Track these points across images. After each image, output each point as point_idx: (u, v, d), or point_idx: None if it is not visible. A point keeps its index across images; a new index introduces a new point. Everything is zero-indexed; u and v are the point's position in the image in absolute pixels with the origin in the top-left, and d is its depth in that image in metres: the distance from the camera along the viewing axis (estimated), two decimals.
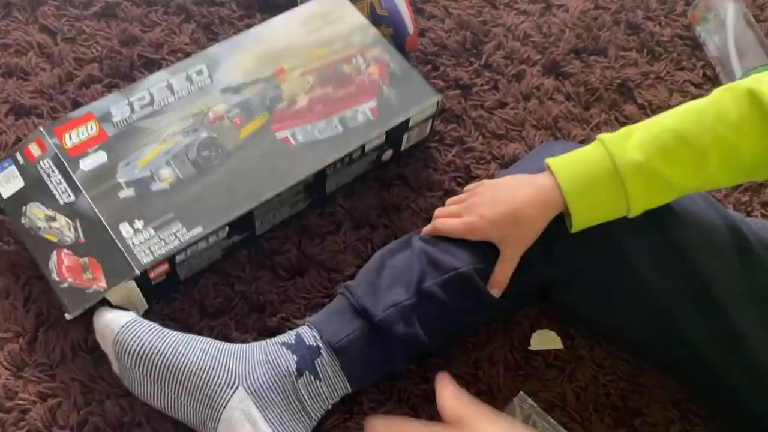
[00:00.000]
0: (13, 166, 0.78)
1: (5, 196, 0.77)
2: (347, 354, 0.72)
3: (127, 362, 0.69)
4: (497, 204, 0.74)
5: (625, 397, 0.79)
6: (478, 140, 0.98)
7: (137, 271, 0.72)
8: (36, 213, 0.76)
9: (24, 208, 0.76)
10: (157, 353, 0.69)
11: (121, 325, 0.70)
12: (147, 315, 0.76)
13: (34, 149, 0.80)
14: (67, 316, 0.69)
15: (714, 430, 0.77)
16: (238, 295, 0.81)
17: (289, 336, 0.73)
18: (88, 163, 0.79)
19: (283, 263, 0.84)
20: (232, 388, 0.69)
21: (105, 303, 0.72)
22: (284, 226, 0.87)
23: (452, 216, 0.77)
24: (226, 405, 0.68)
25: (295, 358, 0.71)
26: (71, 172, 0.78)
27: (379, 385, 0.76)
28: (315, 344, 0.72)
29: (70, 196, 0.76)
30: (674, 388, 0.79)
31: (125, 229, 0.74)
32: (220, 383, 0.69)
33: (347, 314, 0.74)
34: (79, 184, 0.77)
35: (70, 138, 0.80)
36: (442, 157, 0.96)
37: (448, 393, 0.52)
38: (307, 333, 0.73)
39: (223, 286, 0.81)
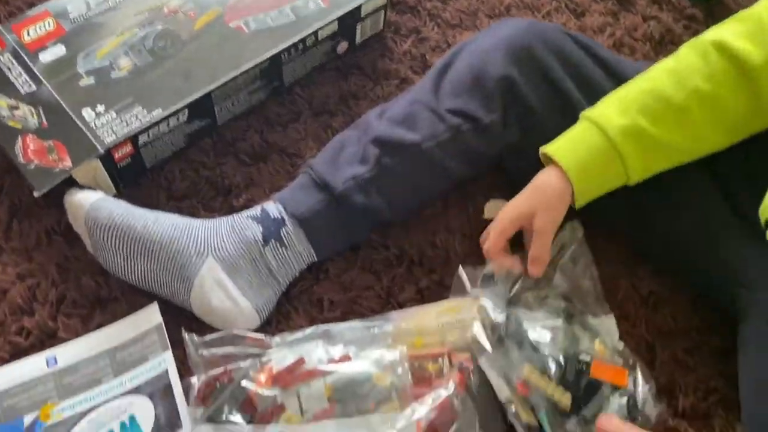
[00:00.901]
0: None
1: None
2: (311, 224, 0.76)
3: (99, 238, 0.73)
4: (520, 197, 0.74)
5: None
6: (433, 30, 1.00)
7: (101, 150, 0.74)
8: None
9: None
10: (127, 227, 0.72)
11: (91, 202, 0.73)
12: None
13: None
14: (36, 194, 0.72)
15: (657, 283, 0.83)
16: (204, 179, 0.84)
17: (255, 210, 0.77)
18: (47, 56, 0.80)
19: (246, 149, 0.87)
20: (201, 257, 0.73)
21: (73, 185, 0.75)
22: (246, 116, 0.89)
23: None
24: (197, 273, 0.72)
25: (261, 228, 0.75)
26: (31, 65, 0.79)
27: (343, 254, 0.81)
28: (279, 216, 0.76)
29: (31, 86, 0.78)
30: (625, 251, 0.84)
31: (87, 113, 0.76)
32: (190, 253, 0.73)
33: (310, 188, 0.77)
34: (39, 75, 0.79)
35: (28, 33, 0.82)
36: (398, 47, 0.98)
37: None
38: (272, 207, 0.76)
39: (188, 171, 0.85)
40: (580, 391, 0.67)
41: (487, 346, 0.68)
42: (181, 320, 0.73)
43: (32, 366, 0.71)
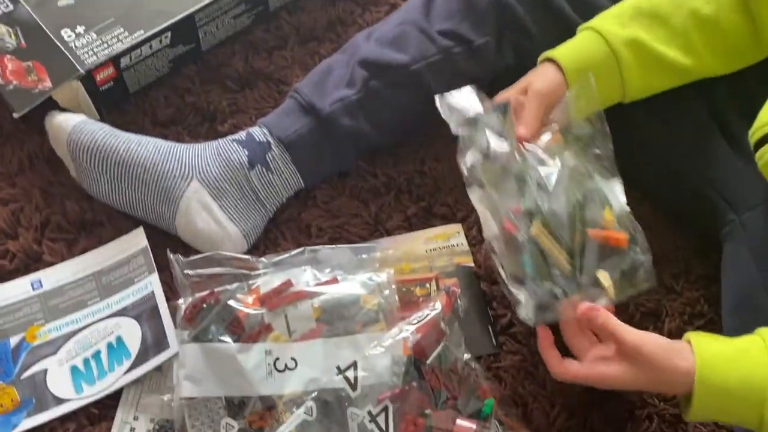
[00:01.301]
0: None
1: None
2: (297, 148, 0.75)
3: (82, 160, 0.72)
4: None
5: None
6: None
7: (81, 71, 0.73)
8: None
9: None
10: (111, 149, 0.71)
11: (73, 125, 0.72)
12: None
13: None
14: (15, 115, 0.71)
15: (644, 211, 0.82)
16: (189, 106, 0.83)
17: (240, 134, 0.76)
18: None
19: (231, 75, 0.85)
20: (186, 180, 0.72)
21: (54, 108, 0.74)
22: (231, 42, 0.87)
23: None
24: (182, 196, 0.72)
25: (246, 152, 0.74)
26: None
27: (331, 182, 0.80)
28: (265, 140, 0.74)
29: (8, 6, 0.76)
30: None
31: (67, 33, 0.75)
32: (175, 176, 0.72)
33: (296, 112, 0.76)
34: None
35: None
36: None
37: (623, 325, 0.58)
38: (257, 131, 0.75)
39: (173, 98, 0.83)
40: (576, 249, 0.65)
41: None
42: (168, 244, 0.73)
43: (17, 289, 0.71)
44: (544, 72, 0.70)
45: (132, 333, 0.68)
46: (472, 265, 0.76)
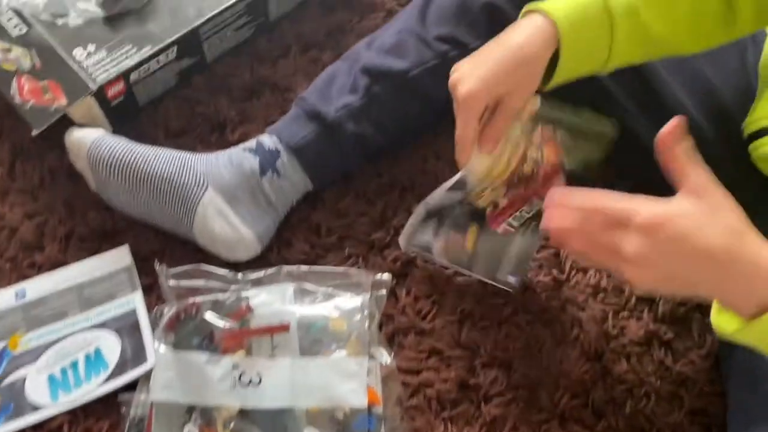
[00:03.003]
0: None
1: None
2: (305, 153, 0.78)
3: (102, 173, 0.75)
4: (487, 60, 0.64)
5: None
6: None
7: (93, 87, 0.76)
8: None
9: None
10: (130, 162, 0.75)
11: (92, 139, 0.75)
12: None
13: None
14: (34, 133, 0.75)
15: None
16: (199, 116, 0.87)
17: (250, 143, 0.79)
18: (37, 0, 0.81)
19: (238, 85, 0.89)
20: (201, 188, 0.76)
21: (71, 124, 0.77)
22: (235, 53, 0.91)
23: None
24: (199, 203, 0.75)
25: (258, 159, 0.77)
26: (21, 8, 0.80)
27: (338, 183, 0.84)
28: (275, 147, 0.78)
29: (22, 29, 0.79)
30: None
31: (79, 52, 0.78)
32: (190, 185, 0.75)
33: (302, 119, 0.80)
34: (29, 17, 0.80)
35: None
36: None
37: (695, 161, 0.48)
38: (267, 139, 0.79)
39: (183, 109, 0.87)
40: None
41: None
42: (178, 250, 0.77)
43: (2, 298, 0.74)
44: (526, 54, 0.63)
45: (111, 346, 0.71)
46: None
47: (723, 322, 0.51)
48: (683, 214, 0.48)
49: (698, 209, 0.48)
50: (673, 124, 0.50)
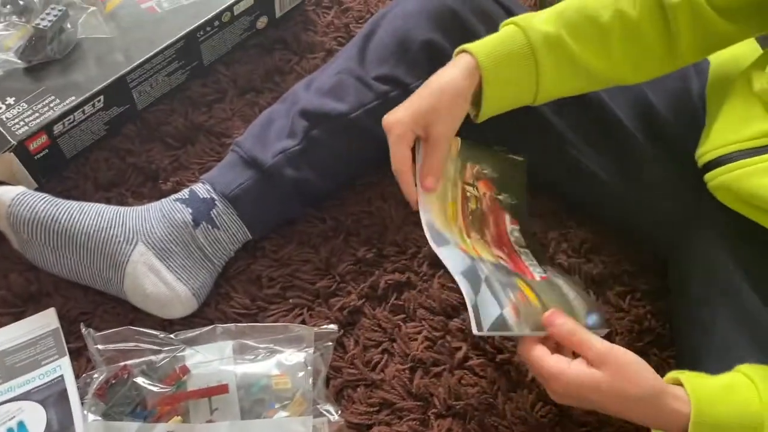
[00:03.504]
0: None
1: None
2: (242, 202, 0.75)
3: (24, 233, 0.71)
4: (414, 96, 0.67)
5: None
6: (355, 0, 1.00)
7: (13, 142, 0.72)
8: None
9: None
10: (52, 220, 0.70)
11: (11, 197, 0.71)
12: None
13: None
14: None
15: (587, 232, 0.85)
16: (131, 166, 0.83)
17: (183, 193, 0.76)
18: None
19: (171, 133, 0.85)
20: (131, 244, 0.71)
21: None
22: (168, 99, 0.88)
23: None
24: (128, 260, 0.71)
25: (190, 210, 0.74)
26: None
27: (279, 230, 0.80)
28: (209, 197, 0.75)
29: None
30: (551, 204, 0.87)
31: None
32: (119, 241, 0.71)
33: (238, 166, 0.76)
34: None
35: None
36: (321, 18, 0.98)
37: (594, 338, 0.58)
38: (200, 188, 0.76)
39: (114, 159, 0.83)
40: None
41: None
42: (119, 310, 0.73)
43: None
44: (444, 89, 0.66)
45: (35, 418, 0.66)
46: None
47: None
48: (597, 385, 0.57)
49: (606, 376, 0.57)
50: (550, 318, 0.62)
